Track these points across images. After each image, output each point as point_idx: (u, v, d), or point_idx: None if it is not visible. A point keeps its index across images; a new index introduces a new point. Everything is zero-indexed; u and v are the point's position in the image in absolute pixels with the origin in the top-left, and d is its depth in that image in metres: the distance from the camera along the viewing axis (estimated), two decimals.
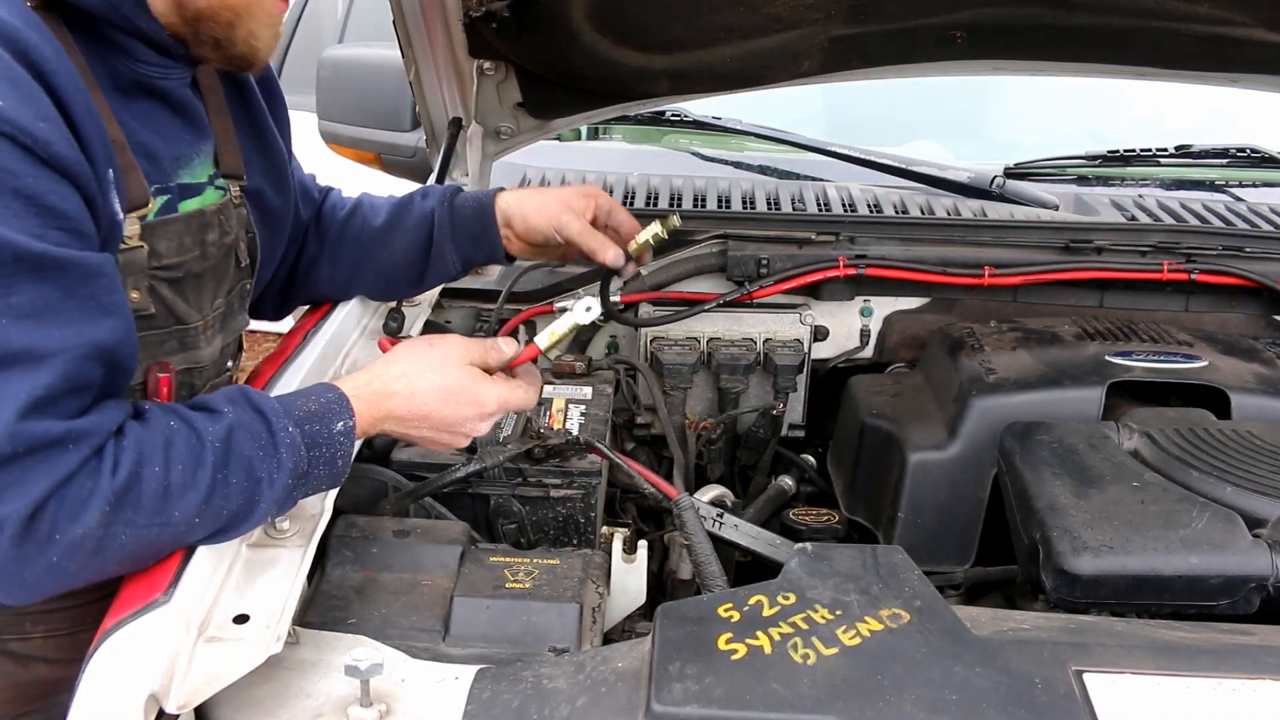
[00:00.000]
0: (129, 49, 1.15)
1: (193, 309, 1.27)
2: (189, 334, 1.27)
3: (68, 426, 0.97)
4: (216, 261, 1.31)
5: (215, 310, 1.32)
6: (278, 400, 1.14)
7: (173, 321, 1.24)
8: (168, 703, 0.96)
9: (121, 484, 0.99)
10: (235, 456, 1.06)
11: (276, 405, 1.12)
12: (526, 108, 1.96)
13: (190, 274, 1.25)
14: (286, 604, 1.08)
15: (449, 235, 1.60)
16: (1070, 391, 1.63)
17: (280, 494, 1.09)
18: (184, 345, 1.27)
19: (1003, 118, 2.98)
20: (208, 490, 1.04)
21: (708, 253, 2.03)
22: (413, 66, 1.83)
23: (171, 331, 1.24)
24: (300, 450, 1.10)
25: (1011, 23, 1.80)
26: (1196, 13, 1.69)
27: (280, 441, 1.09)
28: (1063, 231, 2.05)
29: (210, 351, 1.32)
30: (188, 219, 1.24)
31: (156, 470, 1.01)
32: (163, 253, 1.20)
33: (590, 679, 1.04)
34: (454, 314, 2.04)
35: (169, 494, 1.02)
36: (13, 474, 0.93)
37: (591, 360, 1.88)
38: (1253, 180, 2.47)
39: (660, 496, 1.48)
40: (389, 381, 1.20)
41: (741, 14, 1.70)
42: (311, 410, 1.14)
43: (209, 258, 1.28)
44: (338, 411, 1.15)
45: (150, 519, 1.01)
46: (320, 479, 1.14)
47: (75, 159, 1.01)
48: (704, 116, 2.49)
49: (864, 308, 2.06)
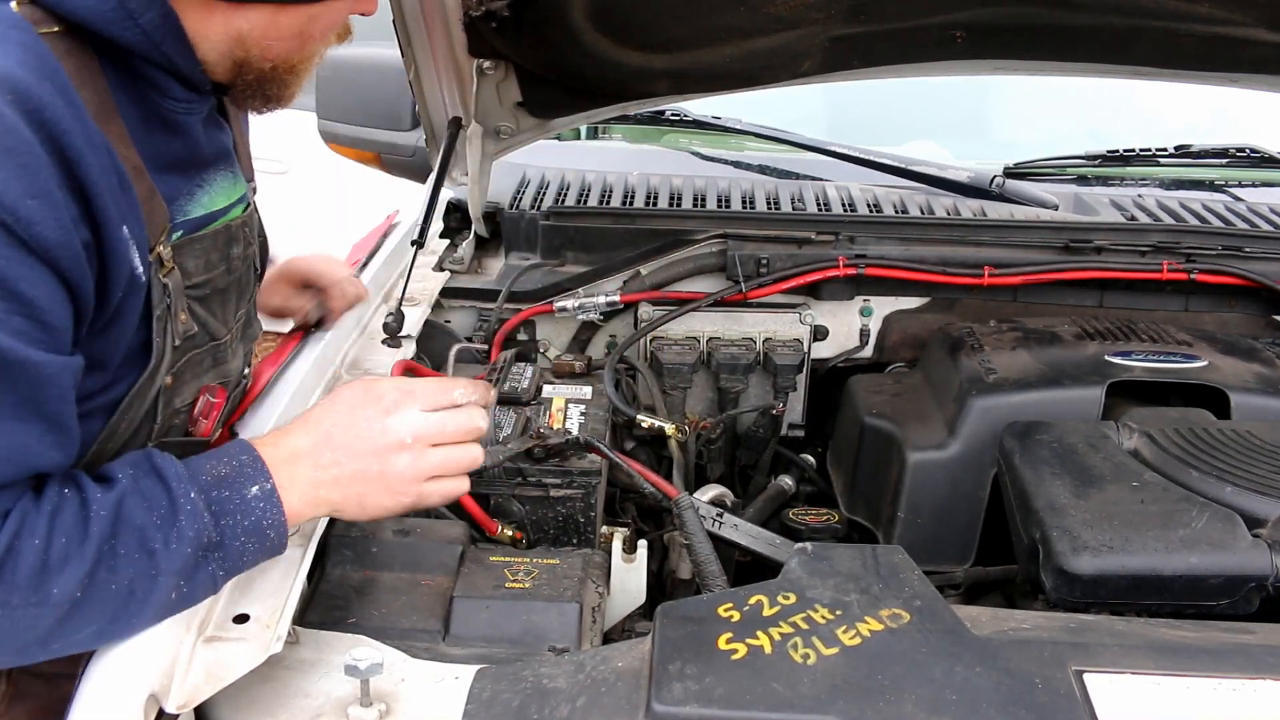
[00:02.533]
0: (160, 84, 1.12)
1: (221, 324, 1.25)
2: (219, 349, 1.26)
3: None
4: (241, 274, 1.30)
5: (238, 321, 1.31)
6: (188, 463, 1.05)
7: (208, 340, 1.23)
8: (168, 702, 0.96)
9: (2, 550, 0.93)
10: (125, 525, 0.97)
11: (181, 470, 1.03)
12: (526, 107, 1.96)
13: (217, 290, 1.24)
14: (286, 604, 1.08)
15: None
16: (1070, 391, 1.63)
17: (182, 566, 0.98)
18: (216, 361, 1.26)
19: (1003, 118, 2.98)
20: (93, 562, 0.95)
21: (707, 252, 2.03)
22: (412, 66, 1.83)
23: (207, 349, 1.23)
24: (204, 517, 1.00)
25: (1012, 23, 1.80)
26: (1197, 13, 1.69)
27: (180, 509, 0.99)
28: (1062, 231, 2.05)
29: (236, 364, 1.32)
30: (215, 235, 1.22)
31: (36, 543, 0.94)
32: (191, 271, 1.18)
33: (590, 678, 1.04)
34: (454, 314, 2.04)
35: (47, 568, 0.93)
36: None
37: (591, 360, 1.88)
38: (1252, 180, 2.47)
39: (660, 496, 1.48)
40: (292, 421, 1.13)
41: (741, 14, 1.69)
42: (221, 475, 1.04)
43: (234, 271, 1.27)
44: (251, 475, 1.05)
45: (26, 598, 0.93)
46: (248, 550, 1.04)
47: (61, 240, 0.96)
48: (704, 116, 2.48)
49: (864, 307, 2.06)
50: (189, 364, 1.19)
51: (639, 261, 2.04)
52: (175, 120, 1.16)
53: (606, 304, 1.98)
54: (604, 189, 2.28)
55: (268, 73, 1.15)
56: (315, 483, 1.08)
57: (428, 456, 1.12)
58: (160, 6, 1.06)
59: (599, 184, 2.31)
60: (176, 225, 1.16)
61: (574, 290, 2.01)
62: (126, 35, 1.06)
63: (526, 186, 2.29)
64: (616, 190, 2.28)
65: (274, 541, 1.06)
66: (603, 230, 2.07)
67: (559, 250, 2.09)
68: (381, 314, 1.74)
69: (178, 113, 1.15)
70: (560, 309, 1.98)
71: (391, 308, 1.73)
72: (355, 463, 1.09)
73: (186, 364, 1.19)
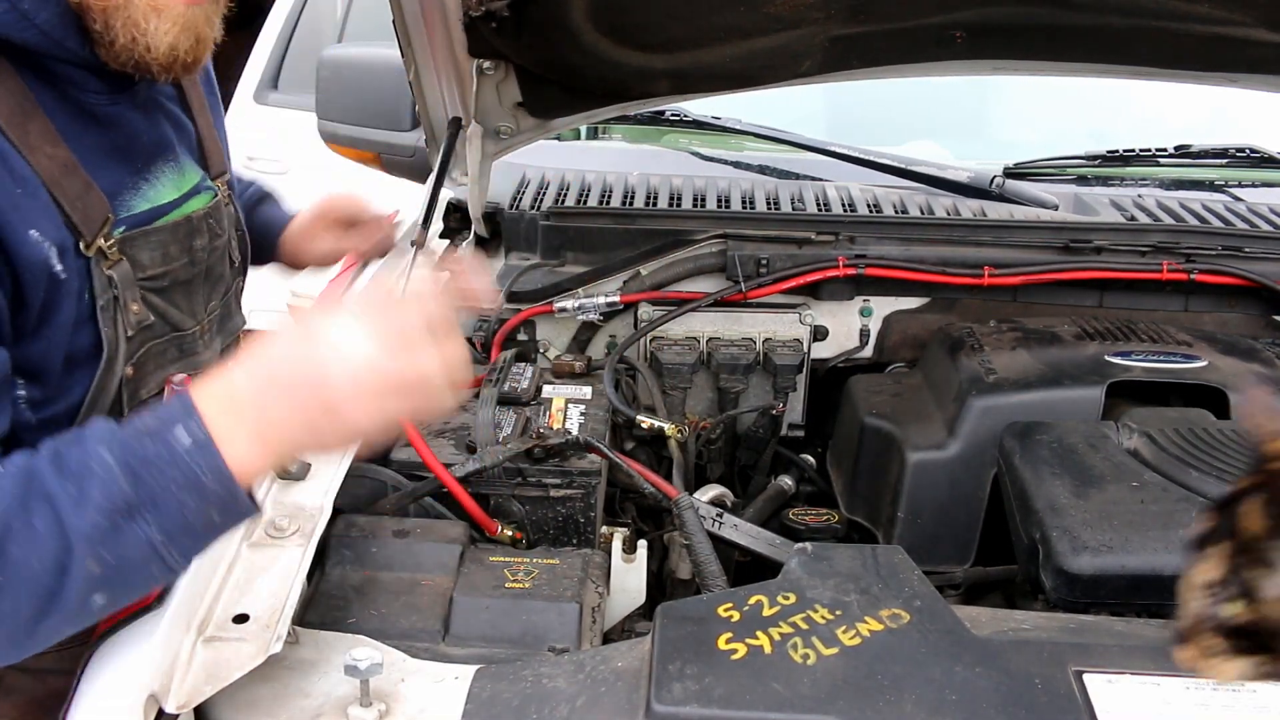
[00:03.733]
0: (76, 80, 1.12)
1: (186, 315, 1.26)
2: (186, 340, 1.27)
3: None
4: (208, 266, 1.30)
5: (211, 314, 1.32)
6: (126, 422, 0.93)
7: (169, 330, 1.24)
8: (168, 702, 0.96)
9: None
10: (35, 494, 0.87)
11: (103, 429, 0.92)
12: (526, 107, 1.96)
13: (178, 282, 1.24)
14: (286, 604, 1.08)
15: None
16: (1070, 391, 1.63)
17: (93, 533, 0.86)
18: (183, 352, 1.26)
19: (1003, 118, 2.98)
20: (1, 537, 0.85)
21: (707, 252, 2.03)
22: (412, 66, 1.83)
23: (170, 340, 1.24)
24: (116, 476, 0.88)
25: (1011, 23, 1.80)
26: (1197, 13, 1.69)
27: (89, 471, 0.88)
28: (1062, 231, 2.05)
29: (210, 355, 1.32)
30: (173, 228, 1.23)
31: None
32: (146, 264, 1.19)
33: (590, 678, 1.04)
34: None
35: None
36: None
37: (591, 360, 1.88)
38: (1252, 180, 2.47)
39: (660, 496, 1.48)
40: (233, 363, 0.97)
41: (741, 14, 1.69)
42: (147, 428, 0.91)
43: (197, 264, 1.28)
44: (181, 421, 0.90)
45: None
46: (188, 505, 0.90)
47: None
48: (704, 116, 2.48)
49: (864, 307, 2.06)
50: (150, 354, 1.19)
51: (639, 262, 2.04)
52: (103, 113, 1.16)
53: (606, 304, 1.98)
54: (604, 189, 2.28)
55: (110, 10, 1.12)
56: (261, 431, 0.92)
57: (384, 383, 0.94)
58: (56, 4, 1.06)
59: (599, 184, 2.31)
60: (121, 220, 1.16)
61: (574, 290, 2.01)
62: (26, 37, 1.06)
63: (526, 187, 2.29)
64: (616, 190, 2.28)
65: (218, 493, 0.91)
66: (603, 230, 2.07)
67: (559, 250, 2.09)
68: None
69: (103, 105, 1.16)
70: (560, 309, 1.98)
71: None
72: (302, 404, 0.93)
73: (147, 354, 1.19)
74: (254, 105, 4.69)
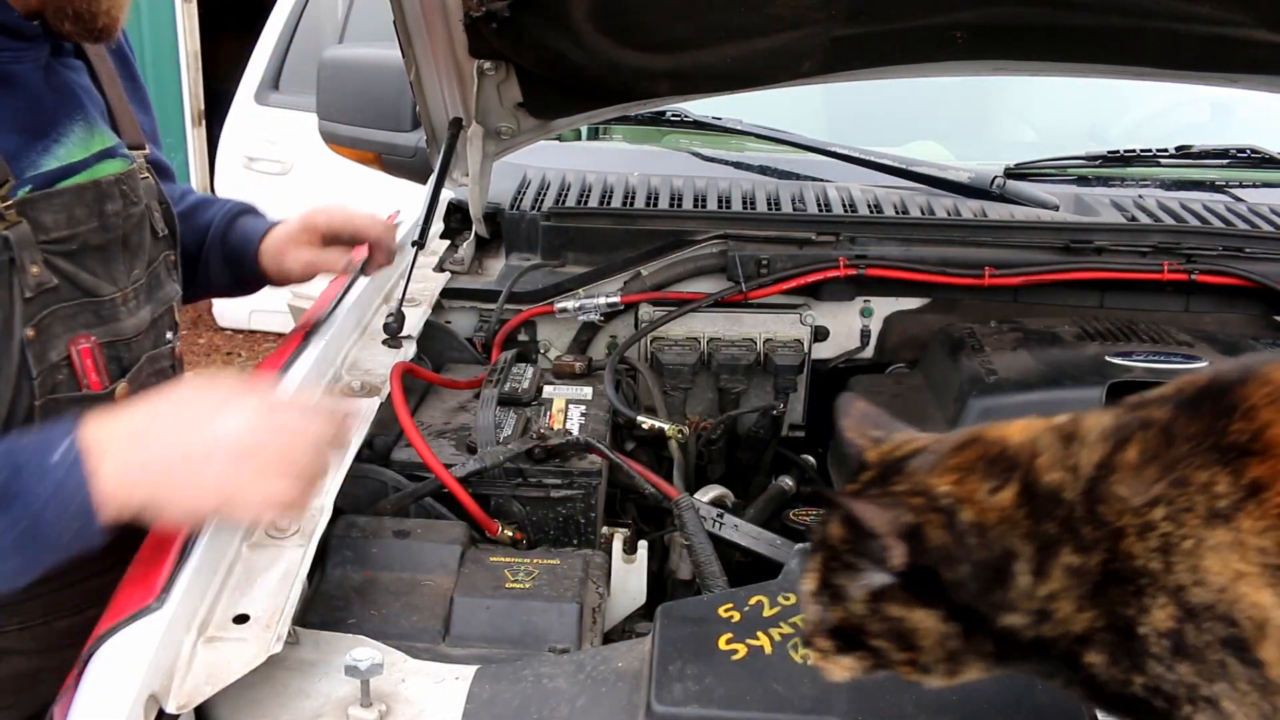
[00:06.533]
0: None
1: (104, 281, 1.25)
2: (104, 306, 1.25)
3: None
4: (125, 233, 1.29)
5: (135, 282, 1.30)
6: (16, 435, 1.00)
7: (80, 294, 1.22)
8: (168, 703, 0.96)
9: None
10: None
11: None
12: (527, 108, 1.96)
13: (89, 246, 1.23)
14: (286, 604, 1.08)
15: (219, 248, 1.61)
16: (1070, 392, 1.63)
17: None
18: (101, 318, 1.25)
19: (1003, 118, 2.98)
20: None
21: (708, 253, 2.03)
22: (413, 66, 1.83)
23: (83, 304, 1.23)
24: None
25: (1012, 23, 1.80)
26: (1197, 13, 1.69)
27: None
28: (1063, 232, 2.05)
29: (135, 323, 1.31)
30: (78, 190, 1.21)
31: None
32: (49, 226, 1.18)
33: (590, 679, 1.04)
34: (454, 314, 2.04)
35: None
36: None
37: (592, 361, 1.88)
38: (1253, 181, 2.47)
39: (660, 497, 1.48)
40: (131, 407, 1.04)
41: (742, 14, 1.70)
42: (26, 442, 0.99)
43: (111, 229, 1.26)
44: (57, 443, 0.98)
45: None
46: (46, 516, 0.96)
47: None
48: (704, 116, 2.48)
49: (864, 308, 2.06)
50: (55, 317, 1.19)
51: (639, 262, 2.04)
52: (6, 71, 1.15)
53: (607, 305, 1.98)
54: (604, 189, 2.28)
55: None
56: (126, 467, 0.99)
57: (246, 462, 1.00)
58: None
59: (599, 185, 2.31)
60: (25, 180, 1.15)
61: (574, 291, 2.01)
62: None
63: (527, 187, 2.29)
64: (617, 191, 2.28)
65: (76, 512, 0.97)
66: (603, 231, 2.07)
67: (559, 251, 2.09)
68: (382, 314, 1.74)
69: (4, 62, 1.14)
70: (561, 310, 1.98)
71: (392, 308, 1.73)
72: (168, 452, 0.99)
73: (52, 317, 1.18)
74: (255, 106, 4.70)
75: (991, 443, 0.87)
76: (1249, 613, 0.76)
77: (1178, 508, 0.78)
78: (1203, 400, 0.82)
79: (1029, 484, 0.83)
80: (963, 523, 0.83)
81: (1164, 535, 0.78)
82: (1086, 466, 0.82)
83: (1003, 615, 0.83)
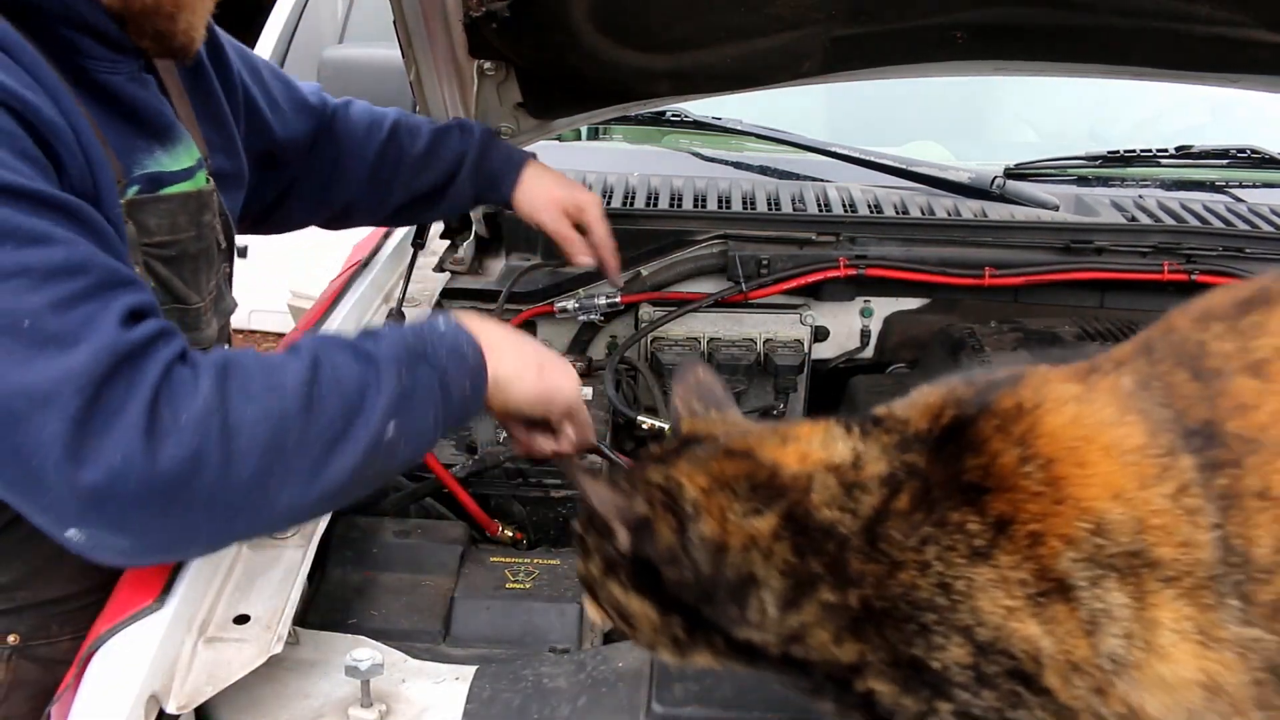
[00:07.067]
0: (80, 45, 1.12)
1: (191, 289, 1.25)
2: (189, 315, 1.26)
3: (160, 324, 0.94)
4: (210, 244, 1.30)
5: (210, 292, 1.31)
6: None
7: (171, 301, 1.23)
8: (168, 703, 0.96)
9: (219, 360, 0.94)
10: (332, 341, 1.00)
11: None
12: (527, 108, 1.96)
13: (186, 254, 1.24)
14: (287, 604, 1.08)
15: (471, 177, 1.68)
16: None
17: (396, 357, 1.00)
18: (186, 326, 1.25)
19: (1003, 118, 2.98)
20: (310, 360, 0.96)
21: (708, 253, 2.03)
22: (413, 66, 1.83)
23: (171, 310, 1.23)
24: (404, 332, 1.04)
25: (1012, 23, 1.80)
26: (1197, 13, 1.69)
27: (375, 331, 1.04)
28: (1063, 232, 2.05)
29: (210, 334, 1.32)
30: (184, 198, 1.22)
31: (252, 353, 0.97)
32: (153, 229, 1.18)
33: (591, 679, 1.04)
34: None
35: (271, 366, 0.95)
36: (124, 378, 0.88)
37: (592, 360, 1.88)
38: (1253, 181, 2.47)
39: None
40: None
41: (742, 14, 1.69)
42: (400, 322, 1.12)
43: (205, 239, 1.27)
44: (433, 318, 1.09)
45: (264, 384, 0.93)
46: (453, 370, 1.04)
47: (64, 125, 1.00)
48: (704, 116, 2.48)
49: (864, 308, 2.06)
50: None
51: (639, 262, 2.04)
52: (103, 81, 1.15)
53: (607, 305, 1.98)
54: (604, 190, 2.28)
55: (150, 6, 1.14)
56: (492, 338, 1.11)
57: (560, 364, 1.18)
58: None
59: (599, 185, 2.31)
60: (134, 179, 1.16)
61: (574, 291, 2.01)
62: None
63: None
64: (617, 191, 2.28)
65: (473, 360, 1.07)
66: None
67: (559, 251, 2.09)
68: (382, 314, 1.74)
69: (101, 72, 1.15)
70: (561, 310, 1.98)
71: (392, 308, 1.73)
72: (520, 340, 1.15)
73: None
74: None
75: (762, 464, 0.85)
76: (1023, 646, 0.77)
77: (944, 547, 0.78)
78: (947, 440, 0.82)
79: (797, 518, 0.82)
80: (698, 533, 0.82)
81: (939, 574, 0.78)
82: (866, 509, 0.81)
83: (741, 630, 0.83)
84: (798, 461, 0.85)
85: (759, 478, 0.84)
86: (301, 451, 0.93)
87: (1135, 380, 0.81)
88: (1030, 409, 0.81)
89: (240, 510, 0.92)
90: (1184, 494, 0.75)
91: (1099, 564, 0.75)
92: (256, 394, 0.92)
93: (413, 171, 1.66)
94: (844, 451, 0.85)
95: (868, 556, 0.80)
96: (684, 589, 0.83)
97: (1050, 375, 0.85)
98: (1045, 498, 0.77)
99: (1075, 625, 0.76)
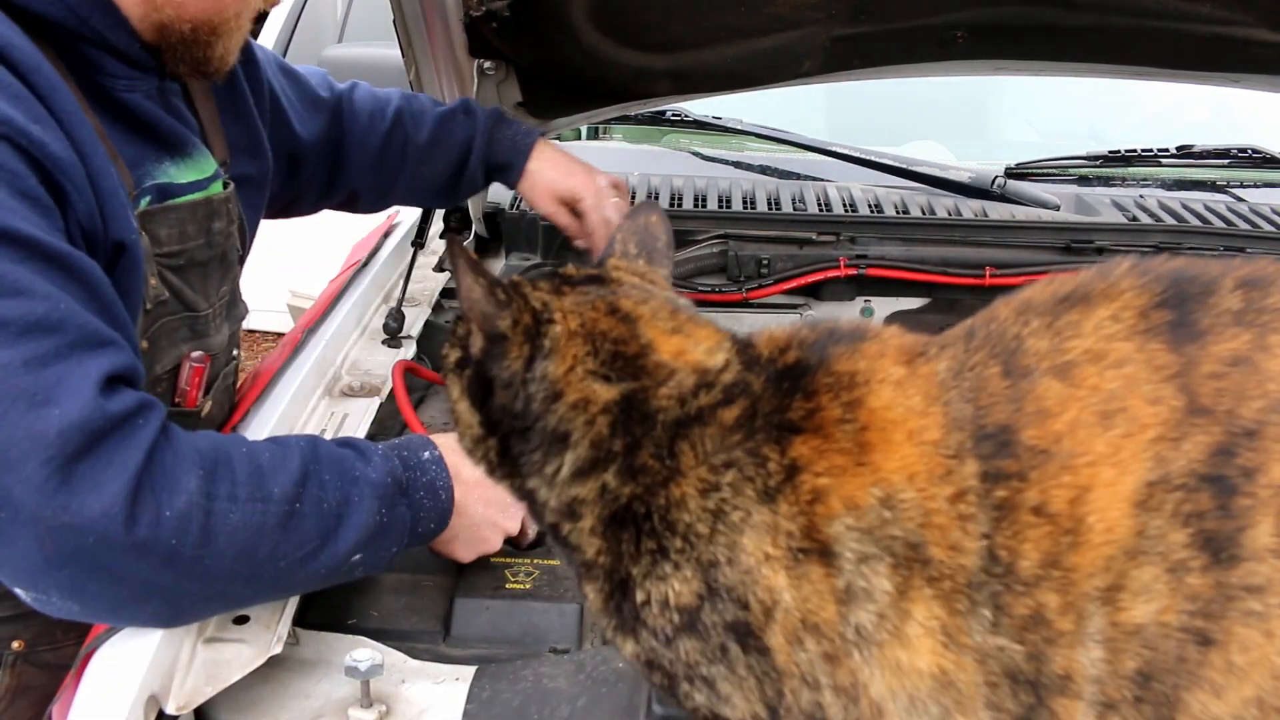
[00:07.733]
0: (98, 62, 1.12)
1: (200, 296, 1.26)
2: (199, 321, 1.26)
3: (140, 396, 0.94)
4: (223, 250, 1.30)
5: (221, 299, 1.32)
6: None
7: (182, 308, 1.23)
8: (168, 703, 0.96)
9: (208, 454, 0.95)
10: (323, 454, 1.03)
11: (352, 439, 1.11)
12: (527, 108, 1.96)
13: (194, 261, 1.24)
14: (287, 604, 1.08)
15: (481, 159, 1.68)
16: None
17: (383, 491, 1.04)
18: (195, 333, 1.26)
19: (1003, 118, 2.98)
20: (300, 473, 0.99)
21: (708, 253, 2.03)
22: (413, 66, 1.83)
23: (183, 318, 1.23)
24: (393, 460, 1.07)
25: (1012, 23, 1.80)
26: (1198, 13, 1.69)
27: (370, 450, 1.07)
28: (1064, 232, 2.05)
29: (220, 339, 1.32)
30: (193, 207, 1.22)
31: (243, 450, 0.98)
32: (163, 240, 1.19)
33: (591, 679, 1.04)
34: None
35: (261, 471, 0.97)
36: (106, 452, 0.88)
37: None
38: (1254, 181, 2.47)
39: None
40: None
41: (742, 14, 1.69)
42: (395, 441, 1.14)
43: (214, 246, 1.28)
44: (419, 442, 1.13)
45: (251, 492, 0.95)
46: (424, 505, 1.09)
47: (71, 159, 0.99)
48: (704, 116, 2.48)
49: (865, 308, 2.06)
50: (163, 330, 1.19)
51: None
52: (122, 100, 1.15)
53: None
54: None
55: (188, 35, 1.14)
56: (467, 487, 1.15)
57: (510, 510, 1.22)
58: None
59: None
60: (145, 190, 1.16)
61: None
62: (52, 11, 1.05)
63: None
64: None
65: (444, 503, 1.11)
66: None
67: (559, 251, 2.09)
68: (382, 314, 1.74)
69: (118, 89, 1.15)
70: None
71: (392, 308, 1.73)
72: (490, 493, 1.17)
73: (160, 330, 1.19)
74: None
75: (637, 338, 0.84)
76: (761, 596, 0.76)
77: (743, 476, 0.78)
78: (784, 377, 0.82)
79: (636, 401, 0.81)
80: (543, 369, 0.82)
81: (722, 500, 0.78)
82: (694, 406, 0.81)
83: (534, 479, 0.84)
84: (672, 355, 0.84)
85: (626, 350, 0.83)
86: (270, 563, 0.97)
87: (950, 368, 0.80)
88: (861, 383, 0.80)
89: (196, 602, 0.97)
90: (960, 500, 0.74)
91: (876, 541, 0.75)
92: (242, 500, 0.95)
93: (418, 161, 1.66)
94: (719, 360, 0.84)
95: (658, 454, 0.80)
96: (507, 415, 0.84)
97: (885, 349, 0.83)
98: (850, 455, 0.77)
99: (827, 589, 0.76)
